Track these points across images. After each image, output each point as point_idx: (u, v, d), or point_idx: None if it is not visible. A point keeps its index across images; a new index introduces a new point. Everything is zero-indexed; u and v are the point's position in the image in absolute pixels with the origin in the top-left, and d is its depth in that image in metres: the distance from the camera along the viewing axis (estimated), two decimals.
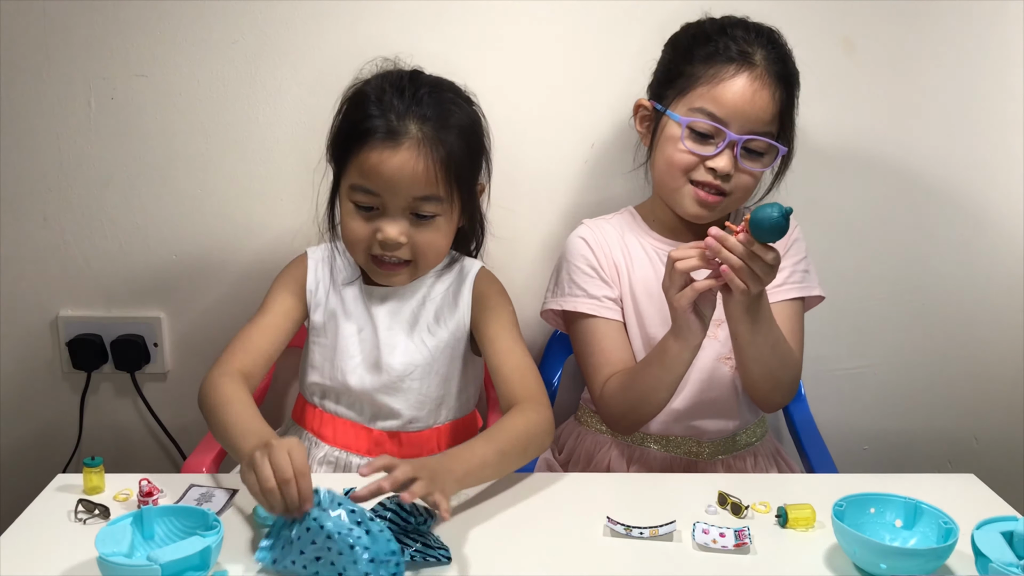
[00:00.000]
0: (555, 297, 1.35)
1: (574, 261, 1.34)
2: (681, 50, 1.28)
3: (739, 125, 1.22)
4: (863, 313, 1.64)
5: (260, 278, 1.59)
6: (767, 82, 1.22)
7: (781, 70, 1.24)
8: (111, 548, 0.89)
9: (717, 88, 1.22)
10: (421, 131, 1.16)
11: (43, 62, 1.50)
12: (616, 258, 1.35)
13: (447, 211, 1.21)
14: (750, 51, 1.23)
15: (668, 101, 1.28)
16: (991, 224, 1.60)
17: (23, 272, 1.61)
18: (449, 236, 1.24)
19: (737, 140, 1.22)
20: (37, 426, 1.70)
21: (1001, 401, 1.68)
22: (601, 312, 1.32)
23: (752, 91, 1.21)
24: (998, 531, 0.92)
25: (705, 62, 1.23)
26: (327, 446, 1.30)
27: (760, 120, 1.22)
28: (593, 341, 1.32)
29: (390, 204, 1.18)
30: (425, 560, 0.95)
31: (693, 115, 1.24)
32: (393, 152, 1.15)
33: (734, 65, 1.22)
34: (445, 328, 1.28)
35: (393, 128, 1.15)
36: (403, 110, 1.16)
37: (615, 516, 1.04)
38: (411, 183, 1.16)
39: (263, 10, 1.48)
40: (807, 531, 1.03)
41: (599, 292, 1.32)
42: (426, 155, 1.15)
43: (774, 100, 1.23)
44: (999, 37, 1.50)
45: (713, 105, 1.22)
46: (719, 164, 1.23)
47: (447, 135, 1.17)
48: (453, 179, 1.18)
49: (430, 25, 1.48)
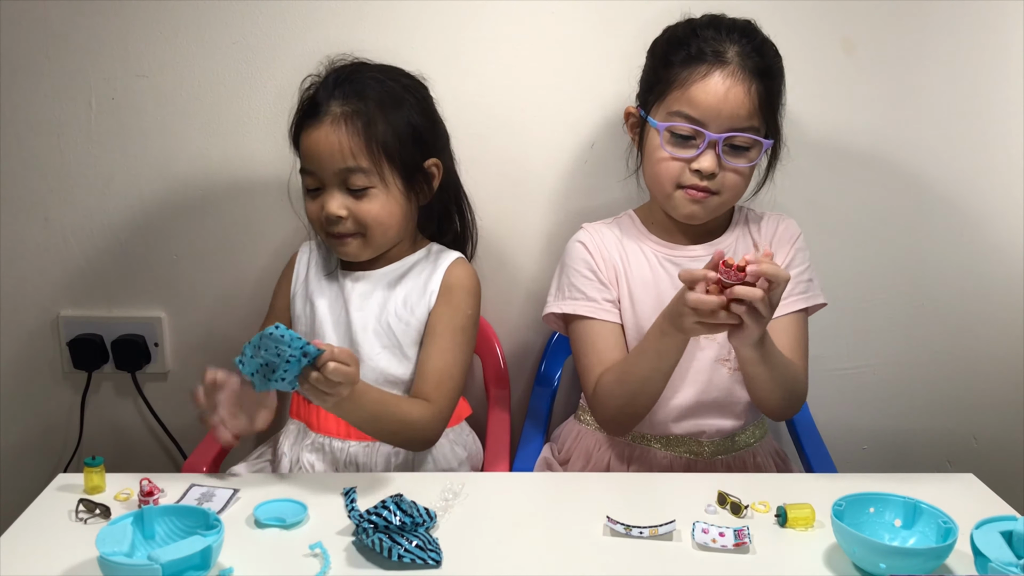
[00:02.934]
0: (556, 301, 1.36)
1: (573, 265, 1.35)
2: (659, 56, 1.29)
3: (717, 124, 1.21)
4: (863, 313, 1.64)
5: (260, 278, 1.59)
6: (741, 77, 1.21)
7: (756, 63, 1.23)
8: (112, 548, 0.89)
9: (691, 89, 1.22)
10: (340, 107, 1.24)
11: (43, 62, 1.50)
12: (615, 261, 1.35)
13: (379, 183, 1.25)
14: (721, 48, 1.22)
15: (650, 107, 1.28)
16: (991, 224, 1.59)
17: (23, 272, 1.61)
18: (394, 209, 1.28)
19: (717, 139, 1.22)
20: (38, 426, 1.70)
21: (1001, 401, 1.68)
22: (598, 314, 1.32)
23: (725, 88, 1.21)
24: (997, 531, 0.92)
25: (679, 65, 1.23)
26: (313, 433, 1.33)
27: (738, 116, 1.21)
28: (589, 341, 1.32)
29: (325, 180, 1.26)
30: (413, 562, 0.95)
31: (671, 119, 1.24)
32: (316, 128, 1.24)
33: (705, 65, 1.21)
34: (412, 314, 1.31)
35: (318, 109, 1.24)
36: (328, 93, 1.25)
37: (615, 516, 1.04)
38: (331, 155, 1.23)
39: (263, 10, 1.48)
40: (807, 531, 1.03)
41: (597, 295, 1.32)
42: (344, 129, 1.23)
43: (750, 94, 1.22)
44: (999, 37, 1.50)
45: (688, 107, 1.22)
46: (702, 165, 1.23)
47: (366, 109, 1.24)
48: (377, 150, 1.24)
49: (430, 25, 1.48)
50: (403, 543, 0.95)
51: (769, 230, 1.36)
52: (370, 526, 0.96)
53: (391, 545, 0.94)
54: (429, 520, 1.00)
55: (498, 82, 1.51)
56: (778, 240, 1.35)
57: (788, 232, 1.36)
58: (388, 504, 0.98)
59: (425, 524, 0.99)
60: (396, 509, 0.97)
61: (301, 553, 0.97)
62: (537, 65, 1.50)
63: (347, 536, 1.00)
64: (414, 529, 0.98)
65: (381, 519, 0.96)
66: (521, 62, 1.50)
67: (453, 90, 1.44)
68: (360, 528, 0.97)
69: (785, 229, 1.36)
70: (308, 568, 0.95)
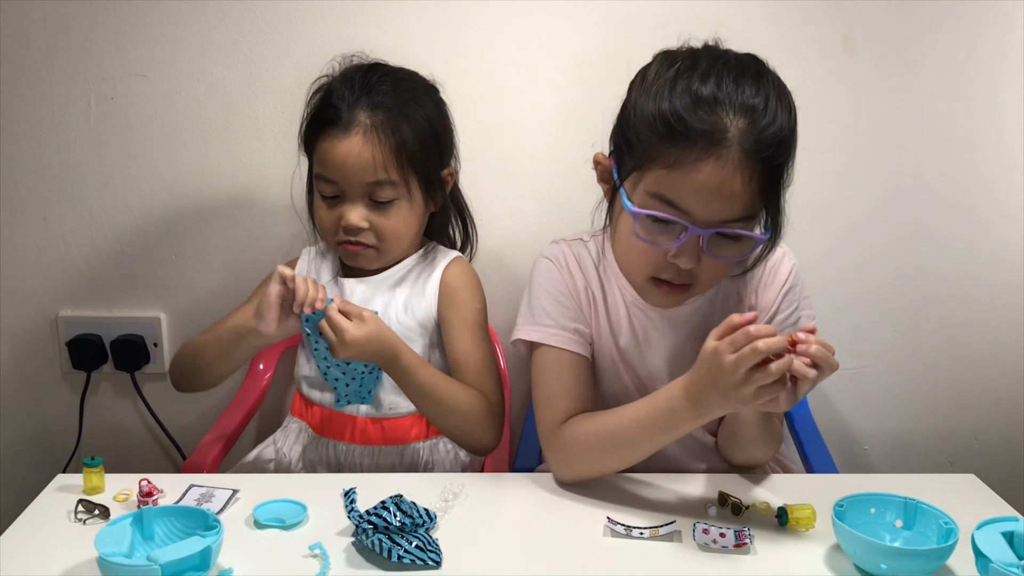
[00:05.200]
0: (524, 325, 1.20)
1: (544, 285, 1.20)
2: (642, 113, 1.03)
3: (705, 217, 1.01)
4: (863, 313, 1.64)
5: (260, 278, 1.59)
6: (743, 165, 0.98)
7: (763, 142, 0.99)
8: (111, 548, 0.89)
9: (676, 174, 0.99)
10: (371, 118, 1.20)
11: (43, 62, 1.50)
12: (591, 286, 1.20)
13: (404, 195, 1.24)
14: (721, 125, 0.98)
15: (624, 170, 1.06)
16: (991, 224, 1.59)
17: (23, 272, 1.61)
18: (412, 221, 1.27)
19: (702, 234, 1.01)
20: (37, 426, 1.70)
21: (1001, 401, 1.68)
22: (569, 346, 1.17)
23: (720, 179, 0.98)
24: (998, 531, 0.92)
25: (662, 137, 1.00)
26: (318, 436, 1.33)
27: (730, 209, 1.00)
28: (554, 371, 1.16)
29: (347, 191, 1.23)
30: (413, 562, 0.94)
31: (650, 203, 1.03)
32: (344, 139, 1.20)
33: (698, 147, 0.98)
34: (413, 317, 1.30)
35: (344, 117, 1.21)
36: (354, 99, 1.21)
37: (615, 516, 1.04)
38: (363, 169, 1.20)
39: (263, 10, 1.48)
40: (807, 531, 1.03)
41: (569, 322, 1.17)
42: (376, 141, 1.20)
43: (749, 184, 0.99)
44: (999, 37, 1.50)
45: (672, 192, 1.01)
46: (680, 262, 1.04)
47: (397, 121, 1.21)
48: (406, 164, 1.22)
49: (430, 25, 1.48)
50: (403, 544, 0.95)
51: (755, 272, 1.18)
52: (370, 527, 0.96)
53: (391, 546, 0.94)
54: (429, 521, 0.99)
55: (498, 82, 1.51)
56: (764, 282, 1.18)
57: (777, 273, 1.18)
58: (388, 505, 0.98)
59: (425, 525, 0.99)
60: (396, 510, 0.97)
61: (301, 554, 0.97)
62: (537, 65, 1.50)
63: (347, 537, 1.00)
64: (414, 530, 0.97)
65: (381, 520, 0.96)
66: (521, 62, 1.50)
67: (453, 90, 1.43)
68: (360, 529, 0.97)
69: (773, 268, 1.18)
70: (308, 569, 0.95)
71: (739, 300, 1.19)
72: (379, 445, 1.30)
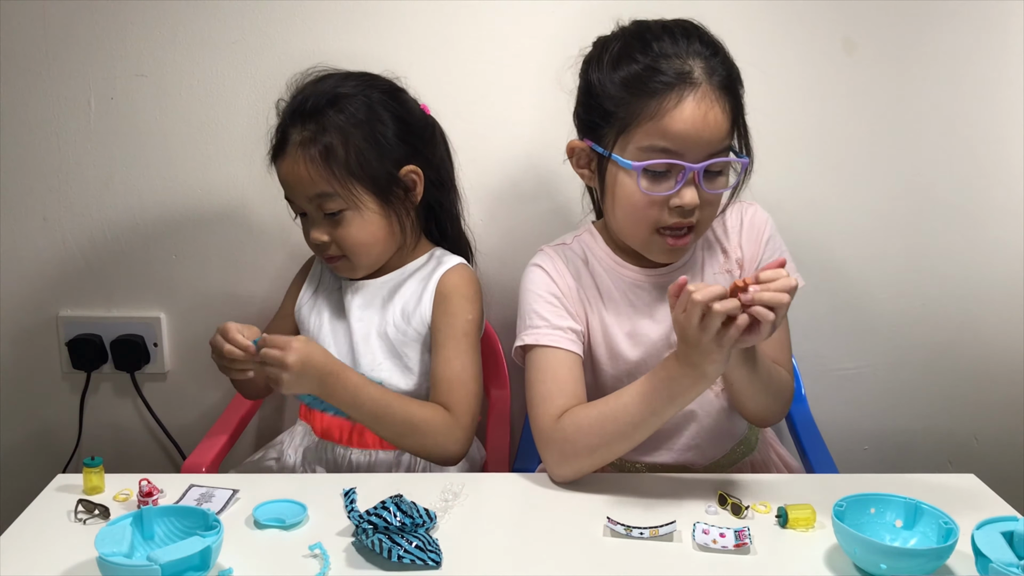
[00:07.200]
0: (519, 334, 1.23)
1: (535, 290, 1.23)
2: (611, 82, 1.13)
3: (695, 153, 1.10)
4: (863, 313, 1.64)
5: (260, 278, 1.59)
6: (715, 97, 1.09)
7: (724, 77, 1.11)
8: (111, 548, 0.89)
9: (664, 120, 1.08)
10: (300, 134, 1.21)
11: (43, 62, 1.50)
12: (582, 285, 1.25)
13: (353, 204, 1.23)
14: (686, 68, 1.09)
15: (608, 142, 1.14)
16: (991, 224, 1.59)
17: (23, 272, 1.61)
18: (373, 228, 1.25)
19: (697, 169, 1.10)
20: (37, 426, 1.70)
21: (1001, 401, 1.68)
22: (562, 343, 1.19)
23: (703, 113, 1.08)
24: (998, 531, 0.92)
25: (640, 92, 1.09)
26: (318, 438, 1.33)
27: (716, 140, 1.11)
28: (550, 369, 1.18)
29: (303, 208, 1.25)
30: (413, 562, 0.94)
31: (646, 156, 1.11)
32: (283, 161, 1.23)
33: (674, 90, 1.08)
34: (409, 323, 1.30)
35: (283, 138, 1.23)
36: (289, 118, 1.23)
37: (615, 516, 1.04)
38: (301, 186, 1.22)
39: (263, 10, 1.48)
40: (807, 531, 1.03)
41: (562, 322, 1.21)
42: (306, 156, 1.20)
43: (726, 113, 1.11)
44: (999, 38, 1.50)
45: (663, 139, 1.09)
46: (684, 200, 1.11)
47: (319, 132, 1.20)
48: (341, 172, 1.20)
49: (431, 26, 1.48)
50: (403, 544, 0.95)
51: (734, 225, 1.27)
52: (370, 527, 0.96)
53: (391, 546, 0.94)
54: (429, 521, 0.99)
55: (498, 82, 1.51)
56: (745, 236, 1.27)
57: (755, 225, 1.26)
58: (388, 505, 0.98)
59: (425, 525, 0.99)
60: (396, 510, 0.97)
61: (301, 554, 0.97)
62: (537, 65, 1.50)
63: (347, 537, 1.00)
64: (414, 530, 0.97)
65: (381, 520, 0.96)
66: (521, 61, 1.50)
67: (453, 90, 1.44)
68: (360, 529, 0.97)
69: (751, 222, 1.27)
70: (308, 569, 0.95)
71: (726, 255, 1.26)
72: (377, 449, 1.30)
